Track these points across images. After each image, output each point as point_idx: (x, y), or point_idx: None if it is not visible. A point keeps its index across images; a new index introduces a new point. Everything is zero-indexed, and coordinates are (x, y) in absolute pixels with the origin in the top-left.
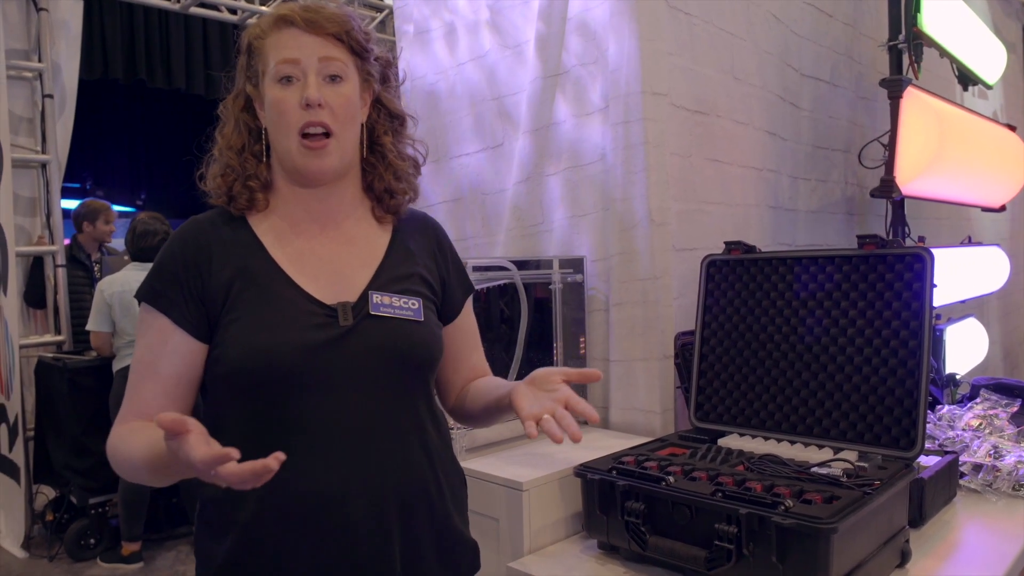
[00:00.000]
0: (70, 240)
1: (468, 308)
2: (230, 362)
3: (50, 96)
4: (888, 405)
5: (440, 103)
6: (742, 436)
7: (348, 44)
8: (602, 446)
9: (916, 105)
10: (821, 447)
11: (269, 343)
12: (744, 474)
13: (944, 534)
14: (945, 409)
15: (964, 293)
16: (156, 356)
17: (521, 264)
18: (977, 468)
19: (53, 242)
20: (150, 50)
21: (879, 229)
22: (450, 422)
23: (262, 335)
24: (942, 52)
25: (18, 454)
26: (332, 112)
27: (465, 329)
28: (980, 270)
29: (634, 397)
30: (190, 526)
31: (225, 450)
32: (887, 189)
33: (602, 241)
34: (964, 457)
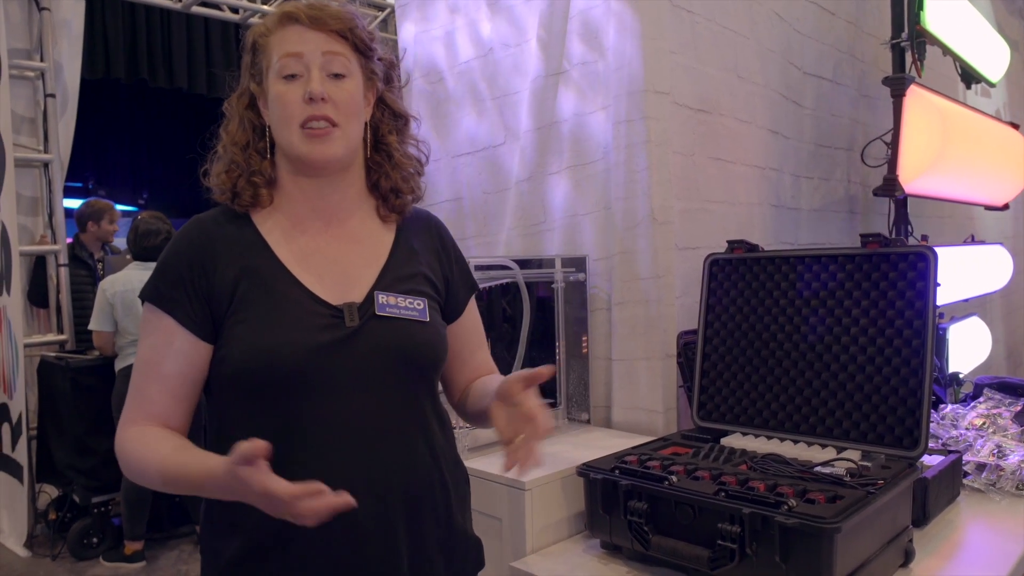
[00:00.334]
0: (72, 239)
1: (472, 307)
2: (236, 362)
3: (52, 95)
4: (891, 404)
5: (442, 102)
6: (745, 435)
7: (352, 42)
8: (605, 445)
9: (919, 103)
10: (824, 446)
11: (275, 344)
12: (747, 473)
13: (948, 534)
14: (948, 408)
15: (967, 292)
16: (161, 356)
17: (523, 263)
18: (981, 467)
19: (56, 241)
20: (152, 49)
21: (882, 228)
22: (455, 420)
23: (268, 336)
24: (945, 50)
25: (21, 453)
26: (335, 106)
27: (469, 328)
28: (983, 269)
29: (637, 396)
30: (193, 525)
31: (316, 485)
32: (890, 187)
33: (604, 240)
34: (968, 456)
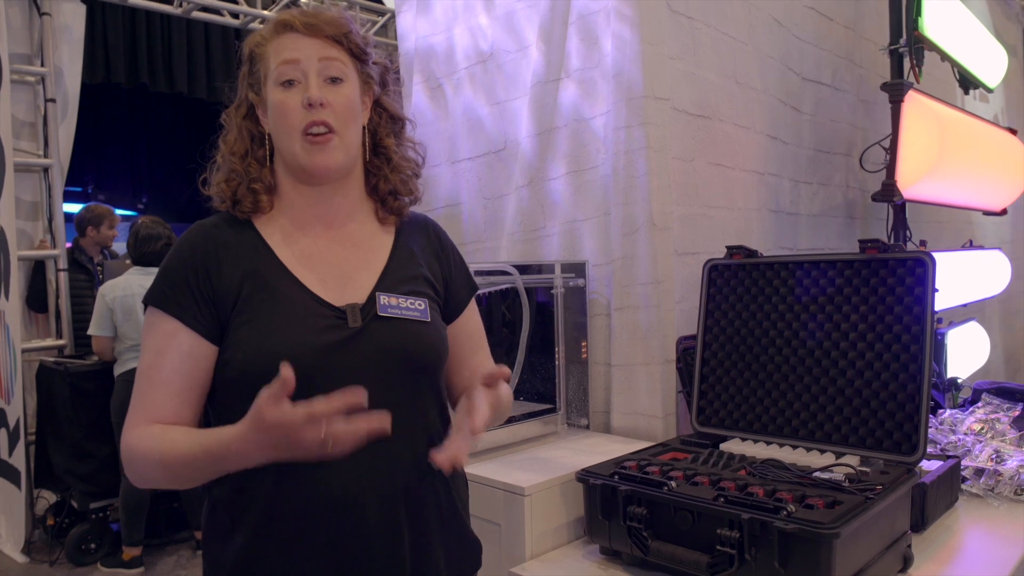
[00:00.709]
0: (71, 244)
1: (472, 308)
2: (241, 364)
3: (52, 100)
4: (890, 410)
5: (443, 107)
6: (744, 441)
7: (347, 47)
8: (604, 451)
9: (917, 109)
10: (823, 452)
11: (280, 345)
12: (746, 479)
13: (946, 539)
14: (947, 413)
15: (966, 297)
16: (167, 359)
17: (523, 268)
18: (979, 472)
19: (55, 246)
20: (152, 54)
21: (880, 233)
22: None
23: (272, 337)
24: (943, 56)
25: (19, 459)
26: (334, 111)
27: (469, 329)
28: (982, 274)
29: (636, 401)
30: (191, 531)
31: (351, 394)
32: (888, 193)
33: (604, 245)
34: (966, 461)
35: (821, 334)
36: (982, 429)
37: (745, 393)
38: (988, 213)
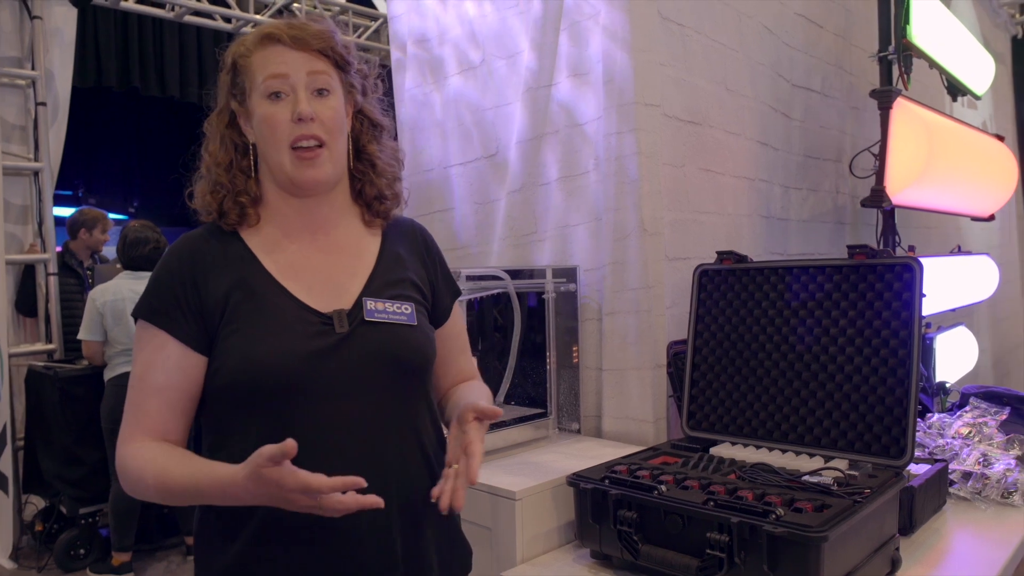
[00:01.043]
0: (61, 247)
1: (456, 311)
2: (230, 373)
3: (43, 104)
4: (878, 414)
5: (434, 113)
6: (734, 445)
7: (332, 58)
8: (595, 455)
9: (906, 116)
10: (812, 456)
11: (268, 353)
12: (736, 483)
13: (934, 542)
14: (935, 417)
15: (954, 302)
16: (158, 371)
17: (515, 273)
18: (967, 476)
19: (45, 250)
20: (144, 58)
21: (870, 238)
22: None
23: (261, 345)
24: (931, 63)
25: (6, 464)
26: (323, 124)
27: (453, 333)
28: (970, 279)
29: (627, 406)
30: (181, 537)
31: (354, 478)
32: (877, 199)
33: (595, 251)
34: (954, 465)
35: (810, 339)
36: (970, 433)
37: (735, 397)
38: (976, 219)
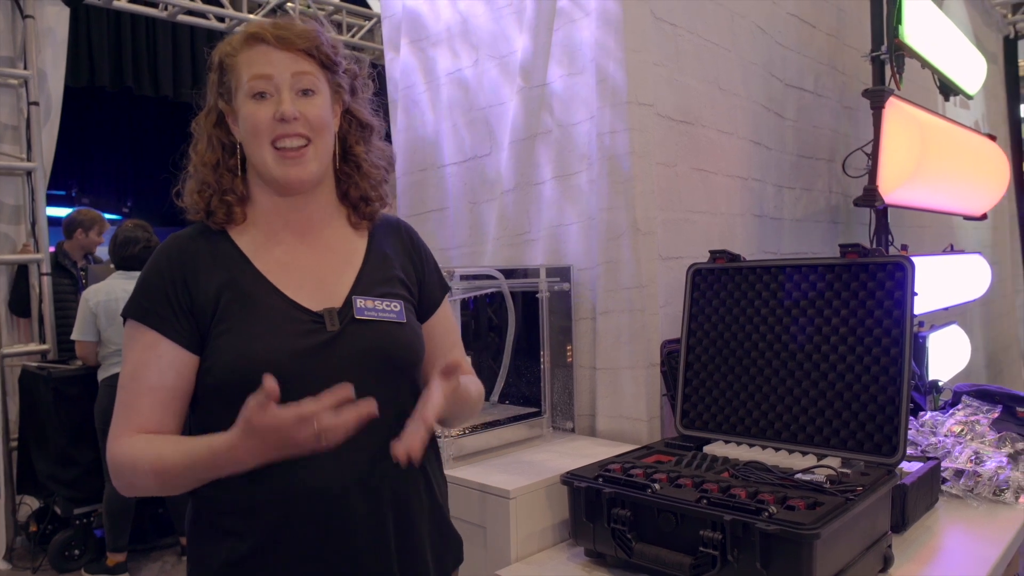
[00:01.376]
0: (55, 247)
1: (445, 306)
2: (222, 371)
3: (36, 103)
4: (870, 412)
5: (428, 112)
6: (727, 443)
7: (318, 59)
8: (589, 454)
9: (898, 115)
10: (805, 454)
11: (259, 351)
12: (729, 481)
13: (926, 539)
14: (928, 415)
15: (947, 300)
16: (149, 369)
17: (509, 273)
18: (959, 473)
19: (38, 250)
20: (137, 57)
21: (863, 237)
22: (438, 429)
23: (252, 344)
24: (923, 63)
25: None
26: (307, 123)
27: (443, 328)
28: (962, 278)
29: (621, 405)
30: (176, 536)
31: (340, 388)
32: (870, 198)
33: (589, 250)
34: (946, 463)
35: (803, 337)
36: (962, 431)
37: (728, 396)
38: (969, 218)
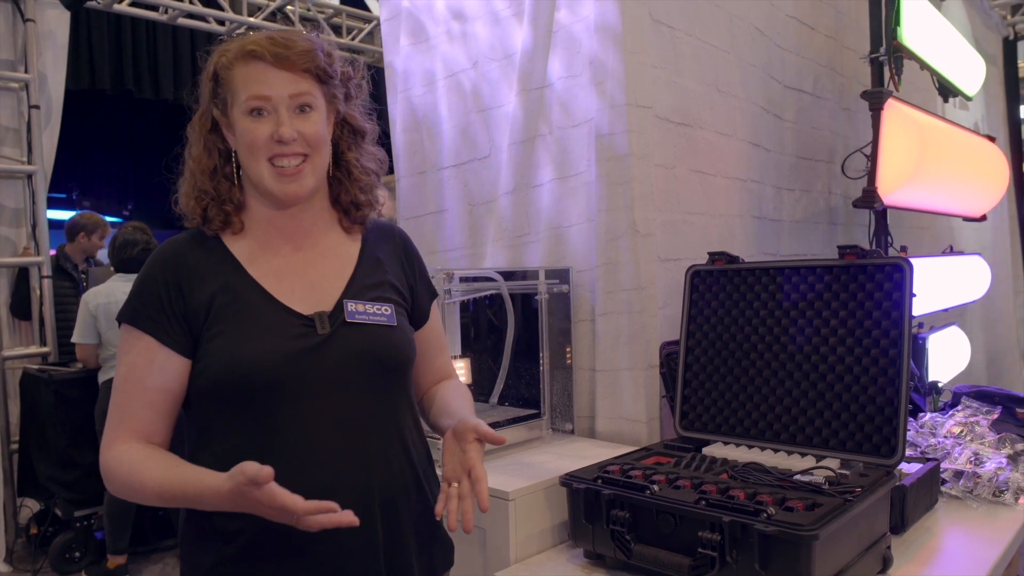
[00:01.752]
0: (56, 251)
1: (434, 312)
2: (214, 374)
3: (36, 107)
4: (869, 413)
5: (427, 115)
6: (726, 444)
7: (315, 74)
8: (588, 455)
9: (897, 117)
10: (804, 455)
11: (251, 354)
12: (728, 482)
13: (925, 540)
14: (927, 416)
15: (947, 302)
16: (142, 373)
17: (508, 275)
18: (958, 475)
19: (39, 253)
20: (137, 61)
21: (863, 239)
22: (427, 429)
23: (244, 347)
24: (922, 65)
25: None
26: (305, 140)
27: (432, 334)
28: (962, 279)
29: (620, 406)
30: (176, 539)
31: (328, 503)
32: (869, 199)
33: (588, 252)
34: (945, 464)
35: (802, 339)
36: (961, 432)
37: (727, 397)
38: (968, 219)
